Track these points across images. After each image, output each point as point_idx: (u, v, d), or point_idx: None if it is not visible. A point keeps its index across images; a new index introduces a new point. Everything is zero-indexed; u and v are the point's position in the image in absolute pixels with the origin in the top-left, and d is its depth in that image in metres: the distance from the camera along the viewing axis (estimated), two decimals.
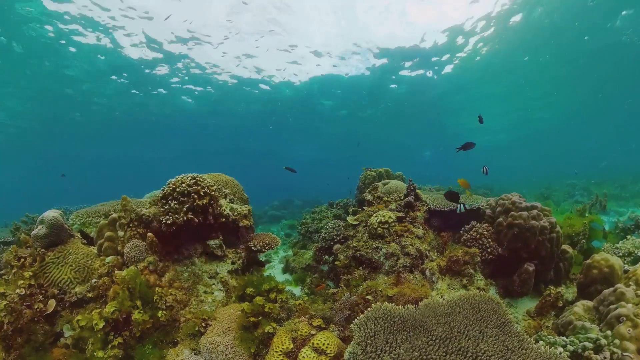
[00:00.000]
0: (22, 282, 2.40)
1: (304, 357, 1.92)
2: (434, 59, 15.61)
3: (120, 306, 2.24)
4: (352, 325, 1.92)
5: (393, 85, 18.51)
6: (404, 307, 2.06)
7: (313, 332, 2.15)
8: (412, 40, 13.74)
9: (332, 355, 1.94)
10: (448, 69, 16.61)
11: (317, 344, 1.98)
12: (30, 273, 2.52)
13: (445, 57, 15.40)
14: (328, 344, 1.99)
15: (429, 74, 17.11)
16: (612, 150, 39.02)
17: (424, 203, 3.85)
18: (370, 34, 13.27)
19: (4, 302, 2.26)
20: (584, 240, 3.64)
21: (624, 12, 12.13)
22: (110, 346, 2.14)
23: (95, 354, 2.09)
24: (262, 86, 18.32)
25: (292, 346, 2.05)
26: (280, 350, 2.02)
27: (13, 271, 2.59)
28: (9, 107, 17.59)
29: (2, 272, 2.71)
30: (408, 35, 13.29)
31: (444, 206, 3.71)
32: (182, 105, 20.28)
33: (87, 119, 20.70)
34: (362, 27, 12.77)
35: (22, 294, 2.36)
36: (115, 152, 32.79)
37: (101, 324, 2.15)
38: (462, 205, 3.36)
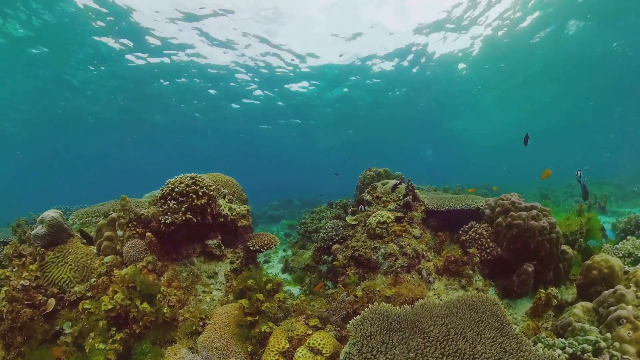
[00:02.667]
0: (27, 274, 2.42)
1: (299, 356, 1.92)
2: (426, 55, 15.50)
3: (123, 301, 2.25)
4: (348, 325, 1.92)
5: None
6: (400, 308, 2.05)
7: (309, 332, 2.15)
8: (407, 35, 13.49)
9: (327, 355, 1.94)
10: (449, 64, 16.50)
11: (313, 343, 1.98)
12: (35, 267, 2.54)
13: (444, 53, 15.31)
14: (324, 344, 1.99)
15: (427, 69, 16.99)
16: (610, 152, 38.92)
17: (421, 203, 3.85)
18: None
19: (5, 288, 2.27)
20: (581, 239, 3.62)
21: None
22: (111, 340, 2.16)
23: (96, 346, 2.10)
24: (260, 89, 18.32)
25: (288, 346, 2.05)
26: (277, 350, 2.02)
27: (15, 270, 2.61)
28: (11, 107, 17.71)
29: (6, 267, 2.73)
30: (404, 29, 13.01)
31: (441, 206, 3.70)
32: (182, 104, 20.34)
33: (88, 118, 20.82)
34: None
35: (26, 284, 2.37)
36: (115, 152, 32.98)
37: (110, 305, 2.16)
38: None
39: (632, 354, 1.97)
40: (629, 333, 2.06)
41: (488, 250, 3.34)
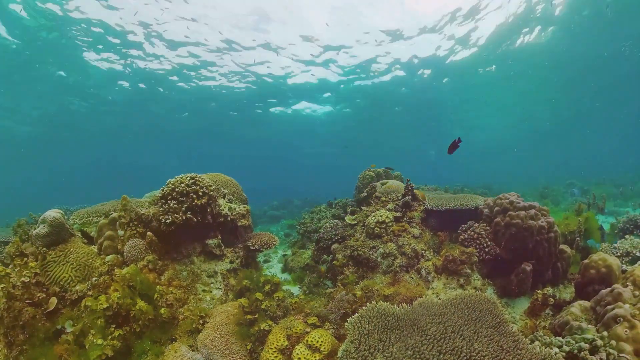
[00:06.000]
0: (27, 271, 2.44)
1: (297, 354, 1.94)
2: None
3: (122, 300, 2.27)
4: (346, 323, 1.94)
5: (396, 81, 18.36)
6: (398, 307, 2.07)
7: (308, 329, 2.17)
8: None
9: (325, 352, 1.96)
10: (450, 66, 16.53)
11: (311, 341, 2.00)
12: (34, 264, 2.56)
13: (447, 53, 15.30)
14: (322, 341, 2.00)
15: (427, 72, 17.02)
16: (611, 152, 38.84)
17: (421, 203, 3.87)
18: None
19: (2, 285, 2.29)
20: (578, 239, 3.63)
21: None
22: (110, 337, 2.19)
23: (95, 341, 2.13)
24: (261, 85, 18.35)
25: (286, 343, 2.07)
26: (275, 347, 2.04)
27: (16, 269, 2.63)
28: (12, 109, 17.79)
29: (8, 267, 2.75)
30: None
31: (440, 206, 3.72)
32: (182, 104, 20.38)
33: (88, 119, 20.88)
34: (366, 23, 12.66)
35: (26, 281, 2.40)
36: (115, 152, 33.07)
37: (105, 304, 2.19)
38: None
39: (629, 351, 1.98)
40: (625, 331, 2.08)
41: (487, 250, 3.36)
